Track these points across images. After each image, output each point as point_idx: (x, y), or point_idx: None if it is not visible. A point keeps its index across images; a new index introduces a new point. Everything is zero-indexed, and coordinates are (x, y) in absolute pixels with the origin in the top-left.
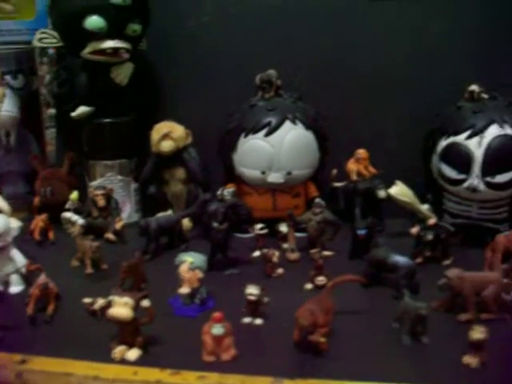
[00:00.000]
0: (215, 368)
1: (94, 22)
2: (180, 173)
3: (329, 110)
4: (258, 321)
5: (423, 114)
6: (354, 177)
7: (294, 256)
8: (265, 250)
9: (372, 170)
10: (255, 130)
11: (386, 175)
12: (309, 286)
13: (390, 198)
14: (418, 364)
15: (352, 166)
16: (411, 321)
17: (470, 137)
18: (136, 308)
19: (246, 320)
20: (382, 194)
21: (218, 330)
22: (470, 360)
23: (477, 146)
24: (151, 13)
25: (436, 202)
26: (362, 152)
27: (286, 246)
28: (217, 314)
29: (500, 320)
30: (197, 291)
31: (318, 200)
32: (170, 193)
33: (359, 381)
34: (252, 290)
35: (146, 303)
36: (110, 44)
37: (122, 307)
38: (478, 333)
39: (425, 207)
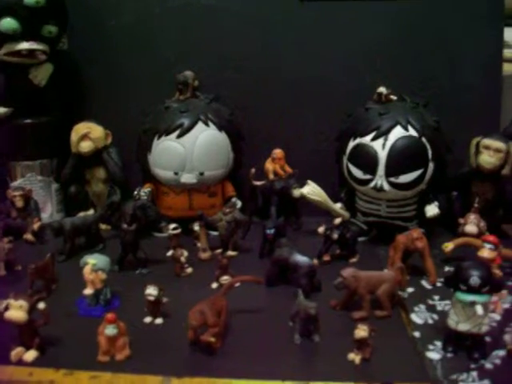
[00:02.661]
0: (109, 368)
1: (7, 23)
2: (101, 173)
3: (249, 111)
4: (158, 320)
5: (340, 116)
6: (271, 176)
7: (205, 255)
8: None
9: (288, 169)
10: (168, 132)
11: (304, 175)
12: (214, 285)
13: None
14: (305, 362)
15: (269, 165)
16: (302, 320)
17: (375, 138)
18: (31, 311)
19: (147, 320)
20: (296, 193)
21: (110, 330)
22: (354, 357)
23: (381, 148)
24: (73, 13)
25: (349, 201)
26: (278, 152)
27: (199, 245)
28: (109, 315)
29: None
30: (101, 292)
31: (233, 199)
32: (92, 192)
33: (246, 379)
34: (151, 291)
35: (41, 306)
36: (24, 45)
37: (16, 310)
38: (361, 331)
39: (338, 206)
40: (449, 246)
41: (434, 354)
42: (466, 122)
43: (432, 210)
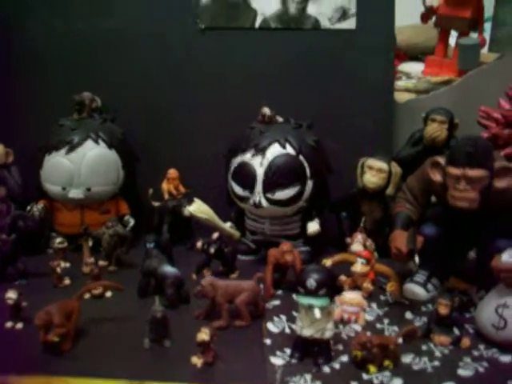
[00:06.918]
0: None
1: None
2: (1, 190)
3: (150, 133)
4: (19, 325)
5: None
6: (166, 196)
7: (87, 269)
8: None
9: (182, 189)
10: (57, 148)
11: (201, 195)
12: (87, 295)
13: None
14: (148, 363)
15: (164, 185)
16: (150, 324)
17: (253, 155)
18: None
19: (9, 324)
20: (185, 211)
21: None
22: (197, 360)
23: (259, 165)
24: None
25: (238, 220)
26: (171, 172)
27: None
28: None
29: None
30: None
31: (126, 217)
32: None
33: (83, 377)
34: (10, 295)
35: None
36: None
37: None
38: (203, 334)
39: (227, 225)
40: (327, 263)
41: (278, 360)
42: (361, 147)
43: (313, 226)
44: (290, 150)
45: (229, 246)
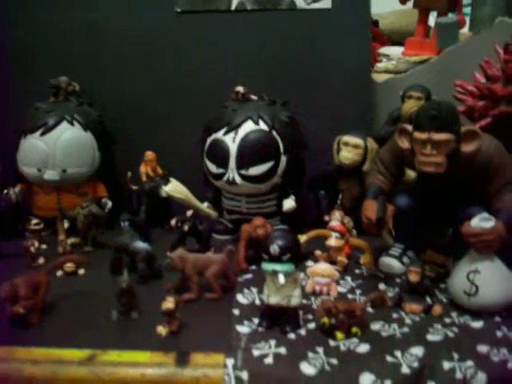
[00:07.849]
0: None
1: None
2: None
3: (129, 117)
4: None
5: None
6: (144, 178)
7: (62, 248)
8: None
9: (160, 171)
10: (33, 130)
11: (182, 176)
12: (59, 272)
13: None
14: (112, 334)
15: (142, 168)
16: (117, 295)
17: (226, 132)
18: None
19: None
20: (162, 192)
21: None
22: (162, 329)
23: (232, 141)
24: None
25: (215, 200)
26: (149, 154)
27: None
28: None
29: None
30: None
31: (103, 200)
32: None
33: (46, 347)
34: None
35: None
36: None
37: None
38: (168, 303)
39: (204, 205)
40: (302, 238)
41: (244, 328)
42: (339, 126)
43: (288, 203)
44: (262, 125)
45: (203, 223)
